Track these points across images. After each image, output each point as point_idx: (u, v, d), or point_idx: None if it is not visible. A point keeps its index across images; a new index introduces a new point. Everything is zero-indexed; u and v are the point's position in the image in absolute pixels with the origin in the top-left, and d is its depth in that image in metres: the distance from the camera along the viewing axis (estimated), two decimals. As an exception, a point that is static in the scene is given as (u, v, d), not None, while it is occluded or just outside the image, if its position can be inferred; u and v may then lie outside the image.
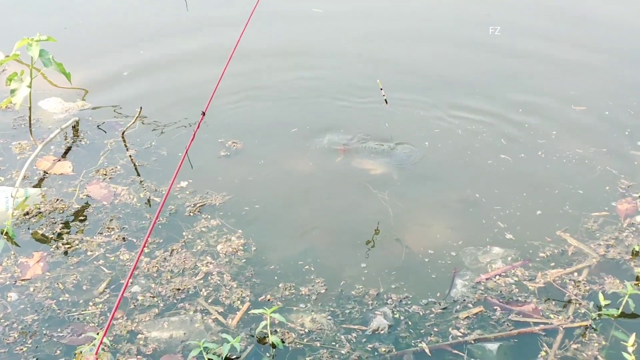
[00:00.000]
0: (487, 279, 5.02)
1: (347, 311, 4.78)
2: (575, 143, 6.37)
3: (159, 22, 8.40)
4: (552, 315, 4.76)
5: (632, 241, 5.30)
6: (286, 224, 5.58)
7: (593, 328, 4.66)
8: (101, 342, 3.88)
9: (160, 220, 5.46)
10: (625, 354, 4.34)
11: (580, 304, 4.84)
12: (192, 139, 4.48)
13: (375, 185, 5.91)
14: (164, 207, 5.57)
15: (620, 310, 4.72)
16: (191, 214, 5.54)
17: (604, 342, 4.57)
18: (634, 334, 4.40)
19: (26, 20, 8.13)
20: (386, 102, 6.05)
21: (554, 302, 4.87)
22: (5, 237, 5.26)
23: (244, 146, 6.30)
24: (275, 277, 5.05)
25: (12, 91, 5.95)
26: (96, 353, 3.72)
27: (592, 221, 5.51)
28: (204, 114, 4.61)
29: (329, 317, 4.73)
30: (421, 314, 4.77)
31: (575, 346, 4.55)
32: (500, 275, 5.06)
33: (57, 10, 8.57)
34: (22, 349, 4.49)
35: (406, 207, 5.73)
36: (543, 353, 4.51)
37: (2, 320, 4.67)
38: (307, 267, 5.14)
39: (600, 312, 4.75)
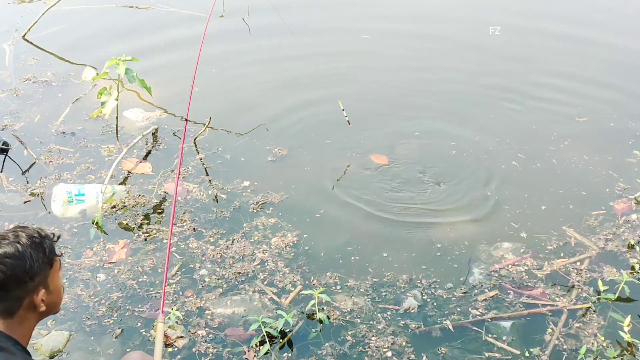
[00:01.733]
0: (500, 268, 4.99)
1: (383, 293, 4.78)
2: (582, 151, 6.29)
3: (226, 46, 8.40)
4: (557, 299, 4.73)
5: (627, 236, 5.24)
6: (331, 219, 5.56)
7: (593, 310, 4.63)
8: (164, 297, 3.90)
9: (225, 214, 5.48)
10: (621, 333, 4.33)
11: (582, 289, 4.80)
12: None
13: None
14: (228, 203, 5.61)
15: (617, 295, 4.68)
16: (253, 210, 5.56)
17: (602, 322, 4.53)
18: (629, 316, 4.39)
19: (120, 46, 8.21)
20: (349, 123, 6.14)
21: (559, 287, 4.83)
22: (96, 226, 5.32)
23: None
24: (323, 265, 5.07)
25: (103, 103, 6.02)
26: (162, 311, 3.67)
27: (593, 218, 5.45)
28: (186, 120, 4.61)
29: (367, 299, 4.73)
30: (445, 297, 4.76)
31: (577, 325, 4.52)
32: (512, 264, 5.02)
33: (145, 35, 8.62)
34: (109, 321, 4.54)
35: (436, 205, 5.73)
36: (550, 330, 4.49)
37: (92, 297, 4.73)
38: (350, 257, 5.14)
39: (599, 297, 4.71)
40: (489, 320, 4.57)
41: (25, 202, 5.62)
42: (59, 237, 2.94)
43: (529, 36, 8.67)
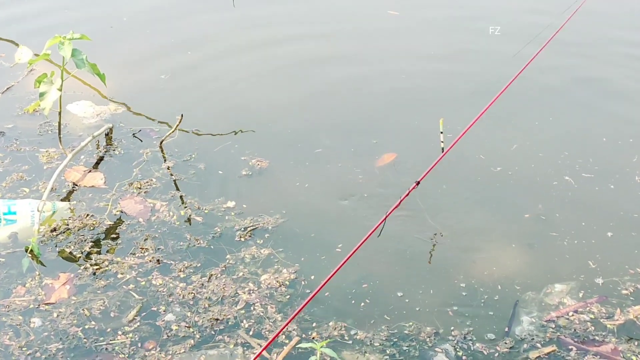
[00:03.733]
0: (558, 317, 4.90)
1: (405, 348, 4.67)
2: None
3: (208, 22, 8.39)
4: (634, 358, 4.61)
5: None
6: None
7: (681, 372, 4.53)
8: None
9: (201, 243, 5.39)
10: None
11: (667, 345, 4.70)
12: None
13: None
14: (206, 229, 5.53)
15: None
16: (240, 238, 5.47)
17: (695, 389, 4.44)
18: None
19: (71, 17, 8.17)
20: (442, 150, 5.83)
21: (636, 342, 4.72)
22: (30, 255, 5.22)
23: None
24: (326, 311, 4.97)
25: (41, 94, 5.87)
26: None
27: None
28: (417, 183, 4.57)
29: (385, 355, 4.61)
30: (486, 352, 4.65)
31: (660, 391, 4.43)
32: (573, 312, 4.93)
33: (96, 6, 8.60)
34: (45, 382, 4.43)
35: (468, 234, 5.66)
36: (625, 399, 4.39)
37: (24, 349, 4.60)
38: (361, 301, 5.05)
39: (689, 355, 4.61)
40: (545, 385, 4.47)
41: (-63, 223, 5.53)
42: None
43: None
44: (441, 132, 5.72)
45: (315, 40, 8.13)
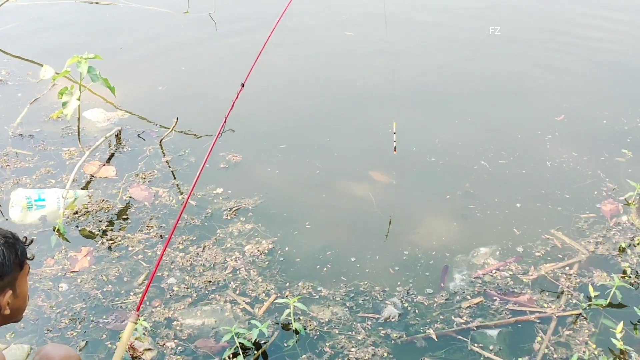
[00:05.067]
0: (484, 274, 4.97)
1: (361, 302, 4.74)
2: (570, 151, 6.32)
3: (196, 45, 8.41)
4: (545, 305, 4.71)
5: (618, 239, 5.25)
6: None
7: (583, 317, 4.61)
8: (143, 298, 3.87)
9: (195, 222, 5.43)
10: (614, 340, 4.31)
11: (571, 295, 4.79)
12: (231, 109, 4.38)
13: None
14: (199, 210, 5.56)
15: (608, 301, 4.66)
16: (227, 217, 5.51)
17: (593, 329, 4.52)
18: (621, 322, 4.35)
19: (84, 41, 8.16)
20: (394, 150, 5.82)
21: (547, 293, 4.82)
22: (57, 233, 5.26)
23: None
24: (297, 273, 5.03)
25: (64, 104, 5.94)
26: (137, 309, 3.73)
27: (582, 221, 5.45)
28: (243, 85, 4.52)
29: (345, 308, 4.69)
30: (426, 303, 4.73)
31: (567, 333, 4.50)
32: (496, 269, 5.01)
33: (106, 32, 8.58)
34: (72, 334, 4.47)
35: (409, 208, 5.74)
36: (538, 339, 4.46)
37: (54, 308, 4.65)
38: (325, 264, 5.11)
39: (590, 303, 4.69)
40: (475, 328, 4.54)
41: (-21, 209, 5.56)
42: (31, 242, 2.96)
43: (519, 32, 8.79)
44: (394, 133, 5.71)
45: (281, 57, 8.10)
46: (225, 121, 4.32)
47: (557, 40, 8.61)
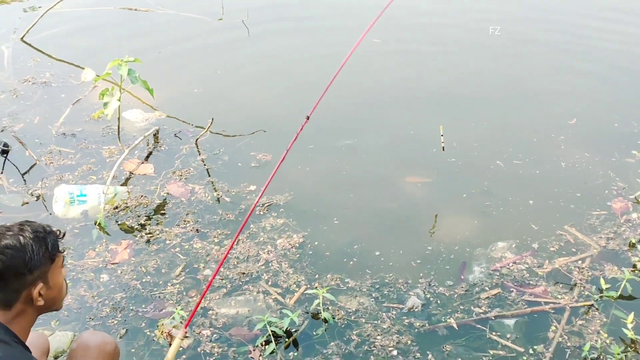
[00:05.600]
0: (501, 267, 4.93)
1: (386, 292, 4.71)
2: (582, 152, 6.25)
3: (230, 50, 8.39)
4: (559, 296, 4.67)
5: (629, 235, 5.19)
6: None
7: (595, 308, 4.56)
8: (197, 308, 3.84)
9: (229, 217, 5.40)
10: (624, 330, 4.28)
11: (584, 287, 4.74)
12: (294, 140, 4.33)
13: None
14: (234, 207, 5.53)
15: (619, 293, 4.61)
16: (260, 212, 5.48)
17: (605, 320, 4.47)
18: (632, 313, 4.31)
19: (124, 46, 8.17)
20: (443, 149, 5.84)
21: (561, 285, 4.77)
22: (98, 227, 5.24)
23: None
24: (326, 266, 4.99)
25: (105, 104, 5.92)
26: (186, 326, 3.70)
27: (594, 218, 5.39)
28: (308, 118, 4.48)
29: (371, 298, 4.66)
30: (447, 294, 4.69)
31: (580, 322, 4.46)
32: (512, 263, 4.97)
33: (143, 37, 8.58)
34: (113, 322, 4.45)
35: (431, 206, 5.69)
36: (553, 328, 4.43)
37: (96, 297, 4.64)
38: (352, 259, 5.07)
39: (601, 294, 4.64)
40: (493, 318, 4.50)
41: (26, 203, 5.53)
42: (64, 235, 2.94)
43: (529, 34, 8.73)
44: (442, 135, 5.70)
45: (313, 64, 8.08)
46: (290, 146, 4.27)
47: (568, 42, 8.57)
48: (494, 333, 4.40)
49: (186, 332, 3.66)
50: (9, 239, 2.69)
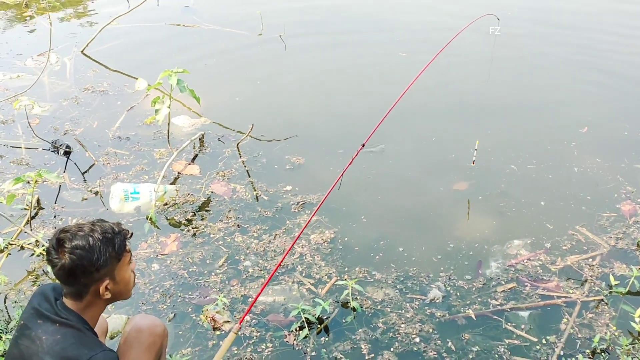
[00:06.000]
0: (517, 263, 4.94)
1: (409, 285, 4.75)
2: (594, 158, 6.23)
3: (267, 62, 8.47)
4: (571, 291, 4.67)
5: (637, 235, 5.16)
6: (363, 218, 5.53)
7: (605, 302, 4.56)
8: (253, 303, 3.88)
9: (267, 214, 5.46)
10: (632, 323, 4.29)
11: (594, 283, 4.74)
12: (350, 163, 4.49)
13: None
14: (271, 205, 5.58)
15: (627, 289, 4.61)
16: (295, 210, 5.53)
17: (614, 313, 4.47)
18: (639, 308, 4.32)
19: (173, 58, 8.29)
20: (473, 163, 5.80)
21: (572, 281, 4.77)
22: (150, 222, 5.34)
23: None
24: (356, 259, 5.04)
25: (156, 111, 6.02)
26: (240, 322, 3.76)
27: (604, 219, 5.38)
28: (363, 145, 4.64)
29: (396, 290, 4.70)
30: (466, 287, 4.72)
31: (590, 316, 4.46)
32: (527, 259, 4.98)
33: (199, 50, 8.69)
34: (163, 307, 4.54)
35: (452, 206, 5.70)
36: (565, 320, 4.44)
37: (147, 285, 4.74)
38: (378, 253, 5.11)
39: (611, 290, 4.64)
40: (508, 310, 4.52)
41: (85, 199, 5.65)
42: (131, 235, 3.02)
43: (542, 46, 8.72)
44: (475, 149, 5.66)
45: (343, 75, 8.13)
46: (342, 175, 4.37)
47: (579, 52, 8.53)
48: (509, 324, 4.41)
49: (240, 328, 3.71)
50: (79, 240, 2.76)
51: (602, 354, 4.16)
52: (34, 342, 2.75)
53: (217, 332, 4.32)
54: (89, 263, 2.77)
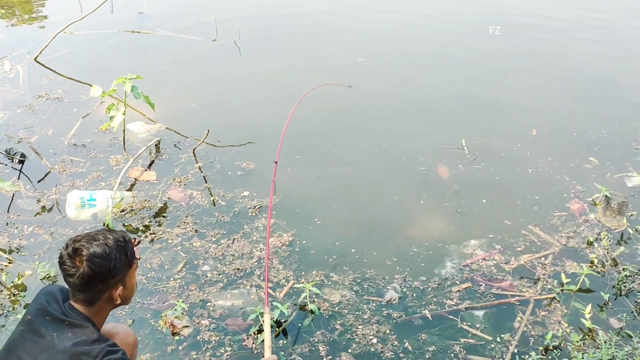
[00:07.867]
0: (471, 263, 5.00)
1: (366, 287, 4.77)
2: (545, 158, 6.35)
3: (223, 67, 8.46)
4: (524, 290, 4.75)
5: (587, 234, 5.28)
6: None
7: (557, 300, 4.65)
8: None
9: (225, 219, 5.45)
10: (583, 320, 4.38)
11: (546, 281, 4.82)
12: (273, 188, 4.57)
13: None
14: (229, 209, 5.57)
15: (578, 287, 4.70)
16: (252, 214, 5.53)
17: (566, 311, 4.55)
18: (589, 305, 4.41)
19: (128, 64, 8.19)
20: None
21: (525, 280, 4.85)
22: (107, 228, 5.26)
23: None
24: (312, 262, 5.05)
25: (111, 117, 5.99)
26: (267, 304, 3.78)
27: (555, 219, 5.48)
28: (276, 162, 4.70)
29: (353, 292, 4.72)
30: (421, 288, 4.76)
31: (543, 313, 4.54)
32: (482, 259, 5.04)
33: (153, 56, 8.64)
34: (121, 313, 4.51)
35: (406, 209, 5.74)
36: (518, 318, 4.50)
37: (104, 293, 4.69)
38: (332, 255, 5.13)
39: (562, 288, 4.72)
40: (464, 309, 4.57)
41: (42, 207, 5.58)
42: (139, 242, 3.12)
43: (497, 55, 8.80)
44: (464, 146, 5.76)
45: (299, 81, 8.14)
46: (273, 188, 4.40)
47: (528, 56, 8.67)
48: (464, 323, 4.46)
49: (269, 308, 3.81)
50: (96, 248, 2.82)
51: (555, 350, 4.23)
52: (44, 337, 2.78)
53: (176, 337, 4.29)
54: (107, 270, 2.84)
